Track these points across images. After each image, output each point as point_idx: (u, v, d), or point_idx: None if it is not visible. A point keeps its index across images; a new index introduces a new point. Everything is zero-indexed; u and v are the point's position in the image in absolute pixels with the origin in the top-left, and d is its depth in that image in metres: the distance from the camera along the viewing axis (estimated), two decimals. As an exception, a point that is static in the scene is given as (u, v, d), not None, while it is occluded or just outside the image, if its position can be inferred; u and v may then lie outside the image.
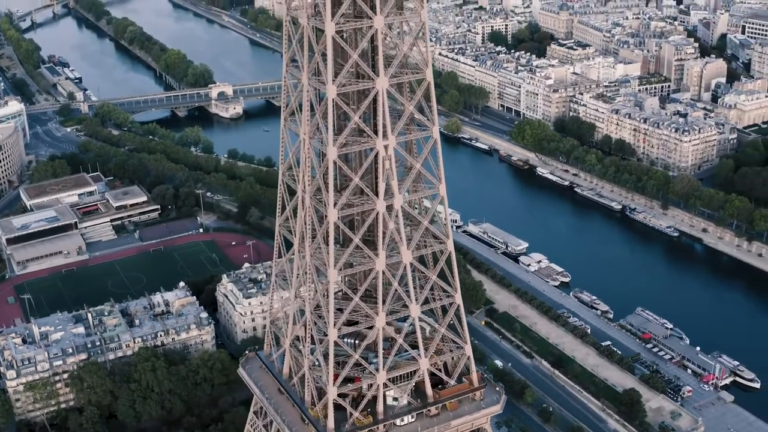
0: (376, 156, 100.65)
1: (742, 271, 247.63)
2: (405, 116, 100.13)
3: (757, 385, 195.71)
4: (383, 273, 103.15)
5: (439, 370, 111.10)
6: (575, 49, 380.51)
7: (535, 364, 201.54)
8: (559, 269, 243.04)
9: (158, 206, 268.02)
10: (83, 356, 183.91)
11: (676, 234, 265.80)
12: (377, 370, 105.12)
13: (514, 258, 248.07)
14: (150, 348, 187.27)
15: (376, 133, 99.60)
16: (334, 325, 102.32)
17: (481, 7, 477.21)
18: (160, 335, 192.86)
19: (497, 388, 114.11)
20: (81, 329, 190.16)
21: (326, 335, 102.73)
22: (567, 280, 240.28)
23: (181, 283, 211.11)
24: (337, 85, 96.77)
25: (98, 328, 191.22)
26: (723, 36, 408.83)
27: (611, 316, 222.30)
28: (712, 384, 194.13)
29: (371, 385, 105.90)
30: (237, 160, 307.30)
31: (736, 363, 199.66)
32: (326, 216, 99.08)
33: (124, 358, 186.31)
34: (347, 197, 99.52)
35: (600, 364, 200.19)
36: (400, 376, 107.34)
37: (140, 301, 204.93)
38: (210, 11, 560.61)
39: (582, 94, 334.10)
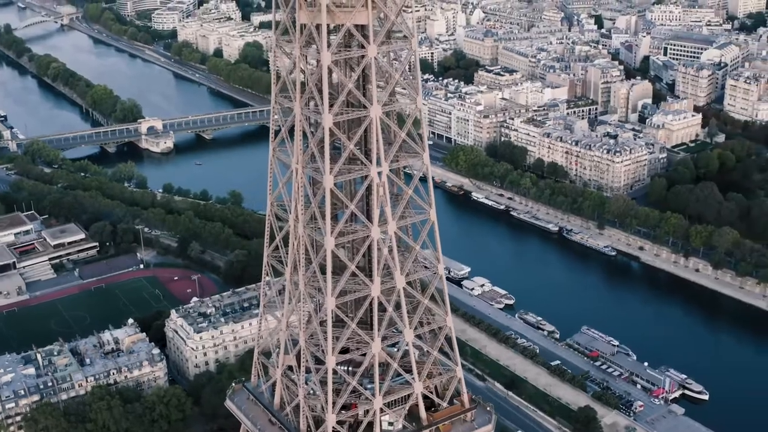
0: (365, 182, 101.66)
1: (680, 286, 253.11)
2: (397, 143, 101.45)
3: (706, 397, 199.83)
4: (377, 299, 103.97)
5: (431, 393, 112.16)
6: (502, 75, 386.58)
7: (488, 386, 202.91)
8: (503, 292, 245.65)
9: (96, 243, 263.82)
10: (36, 397, 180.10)
11: (613, 253, 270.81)
12: (373, 395, 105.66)
13: (457, 282, 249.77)
14: (103, 387, 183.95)
15: (369, 160, 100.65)
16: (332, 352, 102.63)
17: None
18: (113, 373, 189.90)
19: (488, 408, 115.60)
20: (31, 370, 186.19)
21: (322, 363, 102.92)
22: (511, 302, 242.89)
23: (130, 320, 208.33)
24: (333, 114, 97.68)
25: (49, 369, 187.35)
26: (646, 58, 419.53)
27: (558, 335, 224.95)
28: (663, 398, 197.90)
29: (367, 411, 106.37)
30: (173, 194, 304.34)
31: (684, 376, 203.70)
32: (324, 244, 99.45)
33: (77, 398, 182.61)
34: (342, 225, 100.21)
35: (552, 383, 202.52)
36: (395, 400, 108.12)
37: (89, 339, 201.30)
38: (132, 46, 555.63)
39: (512, 119, 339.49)
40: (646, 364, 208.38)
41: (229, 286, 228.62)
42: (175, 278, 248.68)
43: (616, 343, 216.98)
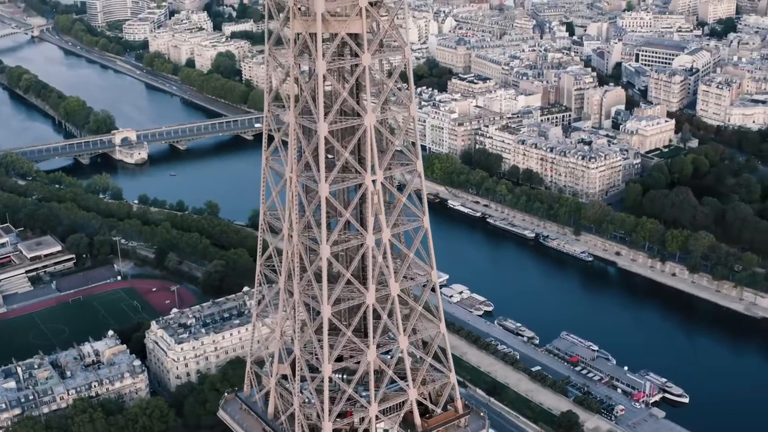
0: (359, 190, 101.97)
1: (657, 291, 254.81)
2: (391, 151, 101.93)
3: (686, 400, 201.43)
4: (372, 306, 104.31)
5: (425, 399, 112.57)
6: (476, 83, 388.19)
7: (469, 393, 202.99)
8: (482, 299, 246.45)
9: (73, 255, 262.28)
10: (17, 411, 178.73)
11: (590, 258, 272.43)
12: (369, 402, 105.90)
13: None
14: (85, 399, 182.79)
15: (364, 168, 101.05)
16: (328, 360, 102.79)
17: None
18: (94, 386, 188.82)
19: (481, 414, 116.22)
20: (12, 384, 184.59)
21: (317, 371, 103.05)
22: (490, 309, 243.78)
23: (110, 332, 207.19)
24: (328, 123, 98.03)
25: (29, 382, 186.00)
26: (618, 64, 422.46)
27: (537, 341, 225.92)
28: (643, 401, 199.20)
29: (363, 418, 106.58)
30: (149, 205, 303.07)
31: (664, 380, 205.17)
32: (320, 252, 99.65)
33: (59, 411, 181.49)
34: (337, 233, 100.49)
35: (533, 389, 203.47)
36: (390, 407, 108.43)
37: (69, 352, 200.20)
38: (104, 57, 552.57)
39: (487, 126, 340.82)
40: (626, 368, 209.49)
41: (208, 296, 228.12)
42: (153, 289, 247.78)
43: (596, 348, 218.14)
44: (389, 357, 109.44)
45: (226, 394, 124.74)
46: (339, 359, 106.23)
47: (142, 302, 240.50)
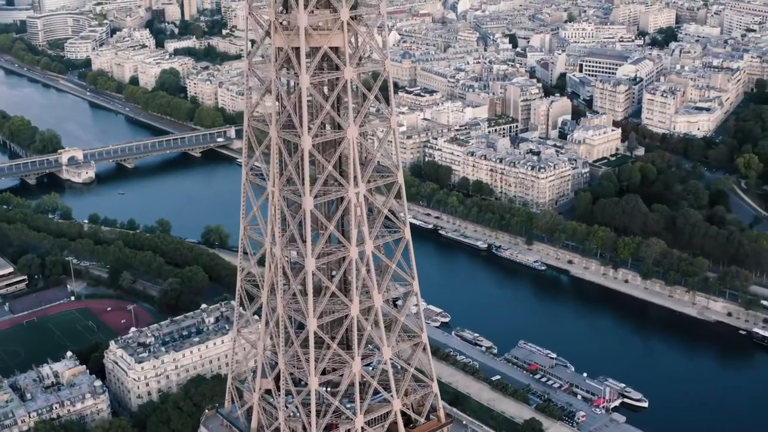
0: (341, 203, 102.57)
1: (610, 297, 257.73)
2: (373, 163, 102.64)
3: (645, 404, 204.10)
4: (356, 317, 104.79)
5: (408, 409, 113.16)
6: (423, 96, 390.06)
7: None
8: (438, 310, 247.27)
9: (25, 276, 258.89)
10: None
11: (543, 267, 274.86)
12: (354, 414, 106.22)
13: (393, 302, 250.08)
14: (47, 421, 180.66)
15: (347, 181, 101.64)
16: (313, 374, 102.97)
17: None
18: (56, 407, 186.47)
19: (464, 423, 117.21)
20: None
21: (302, 385, 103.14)
22: (447, 320, 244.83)
23: (69, 353, 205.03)
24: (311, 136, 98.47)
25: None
26: (562, 75, 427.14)
27: (495, 351, 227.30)
28: (603, 407, 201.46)
29: (349, 430, 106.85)
30: (99, 224, 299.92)
31: (623, 385, 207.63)
32: (305, 266, 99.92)
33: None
34: (321, 246, 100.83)
35: (495, 398, 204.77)
36: (375, 418, 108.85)
37: (28, 374, 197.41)
38: (45, 76, 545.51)
39: (436, 138, 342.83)
40: (585, 375, 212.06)
41: (164, 315, 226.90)
42: (108, 309, 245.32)
43: (554, 355, 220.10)
44: (371, 368, 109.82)
45: (206, 410, 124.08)
46: (323, 372, 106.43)
47: (98, 322, 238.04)
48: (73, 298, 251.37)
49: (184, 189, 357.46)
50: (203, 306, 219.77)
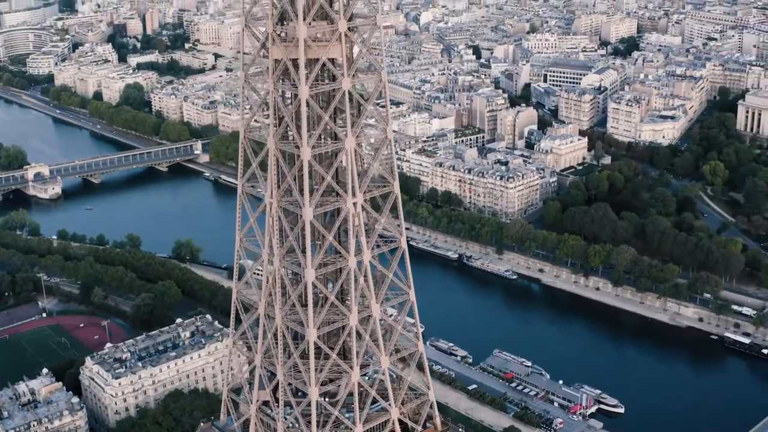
0: (338, 214, 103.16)
1: (582, 305, 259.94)
2: (370, 173, 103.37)
3: (621, 410, 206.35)
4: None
5: (406, 418, 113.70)
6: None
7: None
8: (412, 320, 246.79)
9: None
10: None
11: (514, 276, 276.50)
12: (354, 423, 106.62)
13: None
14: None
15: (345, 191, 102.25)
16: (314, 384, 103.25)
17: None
18: (33, 425, 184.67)
19: (460, 430, 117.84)
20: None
21: (303, 396, 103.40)
22: (421, 330, 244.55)
23: (45, 370, 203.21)
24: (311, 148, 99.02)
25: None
26: (527, 85, 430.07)
27: (471, 360, 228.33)
28: (580, 414, 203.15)
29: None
30: (69, 240, 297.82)
31: (598, 391, 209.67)
32: (304, 277, 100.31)
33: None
34: (321, 256, 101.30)
35: (473, 407, 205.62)
36: (373, 427, 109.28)
37: (4, 391, 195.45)
38: (7, 91, 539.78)
39: (404, 150, 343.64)
40: (560, 382, 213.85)
41: (138, 330, 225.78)
42: (81, 325, 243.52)
43: (529, 363, 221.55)
44: (367, 378, 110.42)
45: (201, 422, 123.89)
46: (322, 383, 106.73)
47: (71, 339, 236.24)
48: (44, 314, 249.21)
49: (151, 204, 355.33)
50: (178, 320, 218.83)
